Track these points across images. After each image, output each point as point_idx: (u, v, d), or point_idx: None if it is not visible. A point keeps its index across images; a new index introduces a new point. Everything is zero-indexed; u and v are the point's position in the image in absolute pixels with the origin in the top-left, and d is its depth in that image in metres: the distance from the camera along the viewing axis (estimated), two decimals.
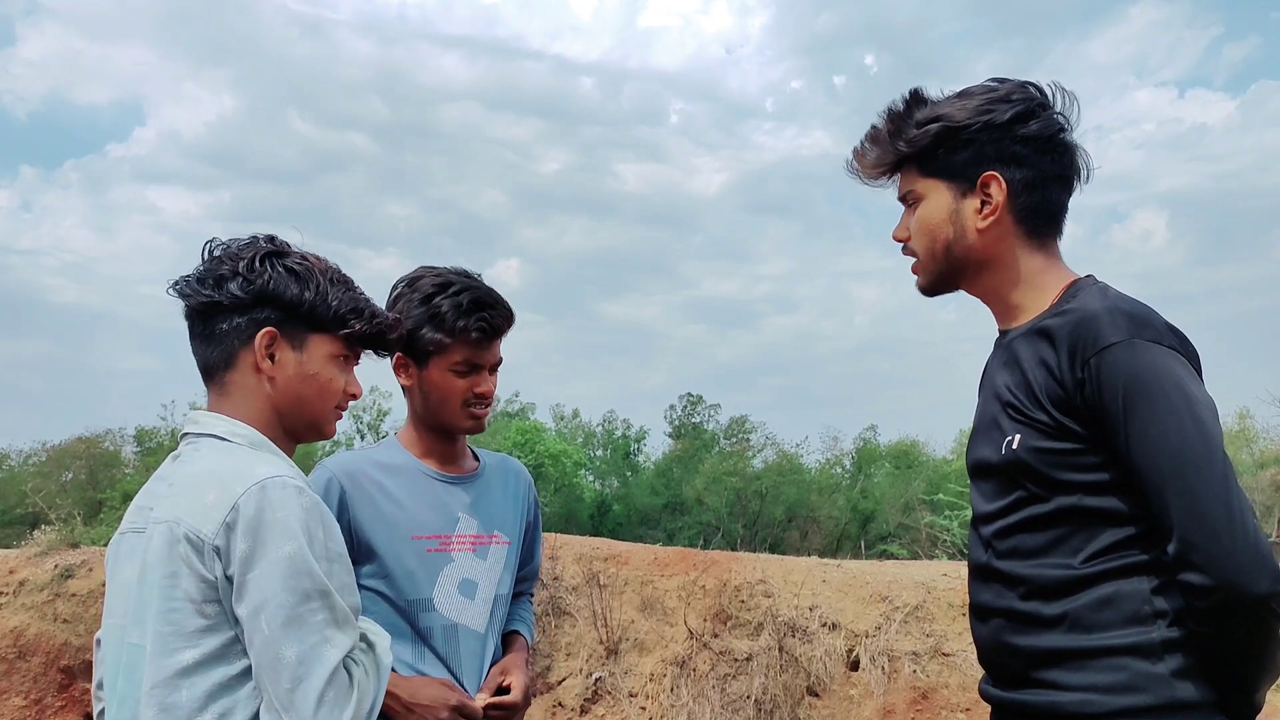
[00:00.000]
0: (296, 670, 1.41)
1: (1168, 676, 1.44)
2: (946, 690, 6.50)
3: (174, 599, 1.45)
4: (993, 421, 1.64)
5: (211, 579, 1.45)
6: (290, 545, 1.45)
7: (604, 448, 40.38)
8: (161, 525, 1.49)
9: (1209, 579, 1.38)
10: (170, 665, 1.44)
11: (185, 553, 1.45)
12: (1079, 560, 1.50)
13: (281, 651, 1.41)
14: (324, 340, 1.68)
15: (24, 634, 7.74)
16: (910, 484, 28.21)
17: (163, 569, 1.46)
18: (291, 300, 1.64)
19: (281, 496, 1.47)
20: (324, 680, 1.42)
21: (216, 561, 1.44)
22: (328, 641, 1.45)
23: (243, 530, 1.44)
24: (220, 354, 1.64)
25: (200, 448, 1.59)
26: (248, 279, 1.62)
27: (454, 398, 2.16)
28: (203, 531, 1.45)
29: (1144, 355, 1.46)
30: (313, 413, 1.70)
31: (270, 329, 1.63)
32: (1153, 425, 1.43)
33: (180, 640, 1.44)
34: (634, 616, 7.33)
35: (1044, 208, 1.67)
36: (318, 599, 1.45)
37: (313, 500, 1.52)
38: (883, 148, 1.73)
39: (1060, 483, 1.52)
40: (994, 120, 1.63)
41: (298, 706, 1.40)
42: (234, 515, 1.45)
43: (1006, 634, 1.58)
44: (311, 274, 1.67)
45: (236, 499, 1.46)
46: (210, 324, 1.64)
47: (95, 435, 28.30)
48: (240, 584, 1.43)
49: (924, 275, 1.76)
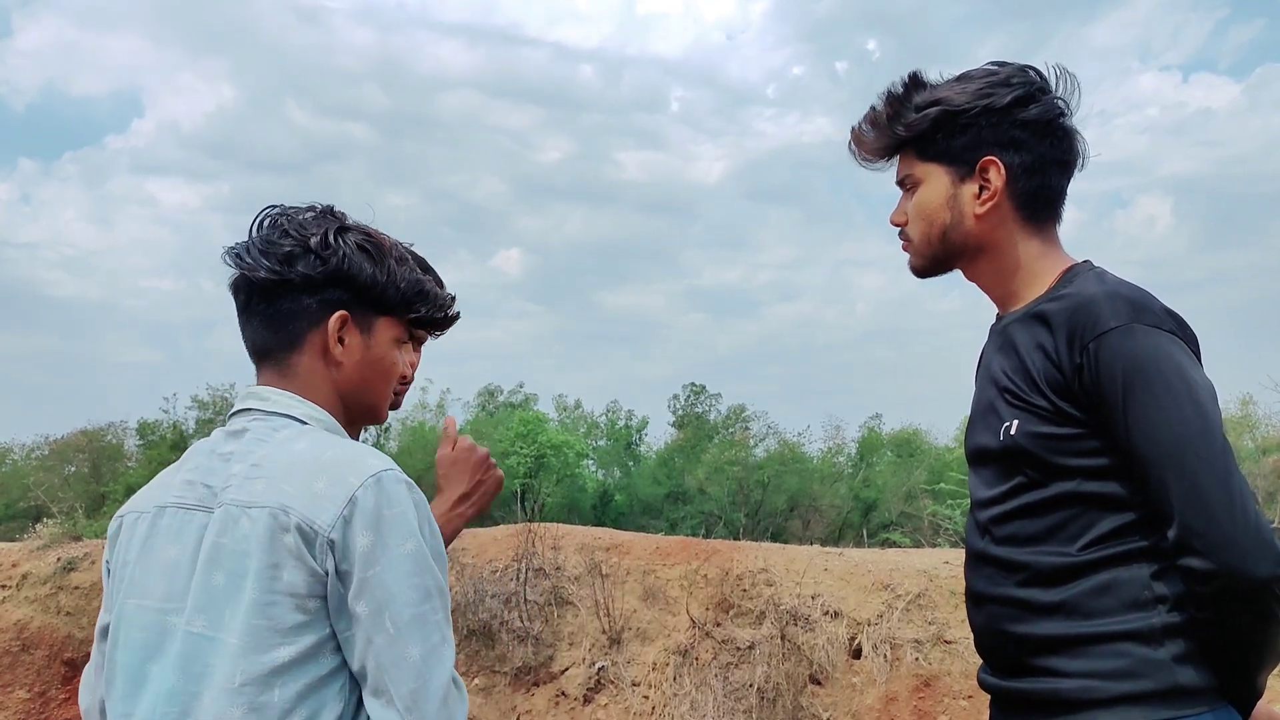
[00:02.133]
0: (421, 669, 1.36)
1: (1169, 662, 1.44)
2: (949, 678, 6.51)
3: (274, 592, 1.35)
4: (990, 407, 1.63)
5: (320, 573, 1.36)
6: (411, 542, 1.39)
7: (606, 438, 40.42)
8: (258, 510, 1.38)
9: (1210, 563, 1.38)
10: (266, 662, 1.34)
11: (294, 544, 1.36)
12: (1077, 547, 1.50)
13: (407, 650, 1.35)
14: (390, 323, 1.62)
15: (27, 627, 7.76)
16: (912, 472, 28.24)
17: (263, 558, 1.36)
18: (365, 282, 1.56)
19: (397, 491, 1.41)
20: (446, 680, 1.38)
21: (329, 556, 1.36)
22: (445, 641, 1.40)
23: (362, 524, 1.36)
24: (286, 335, 1.54)
25: (278, 428, 1.49)
26: (321, 257, 1.52)
27: None
28: (317, 522, 1.36)
29: (1143, 340, 1.45)
30: (376, 396, 1.63)
31: (344, 312, 1.55)
32: (1152, 410, 1.43)
33: (277, 636, 1.35)
34: (636, 606, 7.34)
35: (1043, 193, 1.66)
36: (437, 597, 1.40)
37: (420, 496, 1.45)
38: (881, 131, 1.72)
39: (1059, 468, 1.51)
40: (993, 104, 1.62)
41: (422, 706, 1.35)
42: (351, 508, 1.37)
43: (1004, 621, 1.57)
44: (381, 252, 1.59)
45: (353, 491, 1.38)
46: (275, 303, 1.53)
47: (97, 429, 28.39)
48: (362, 580, 1.35)
49: (918, 258, 1.75)
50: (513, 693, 6.97)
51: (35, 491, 23.84)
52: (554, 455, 32.21)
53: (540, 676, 7.06)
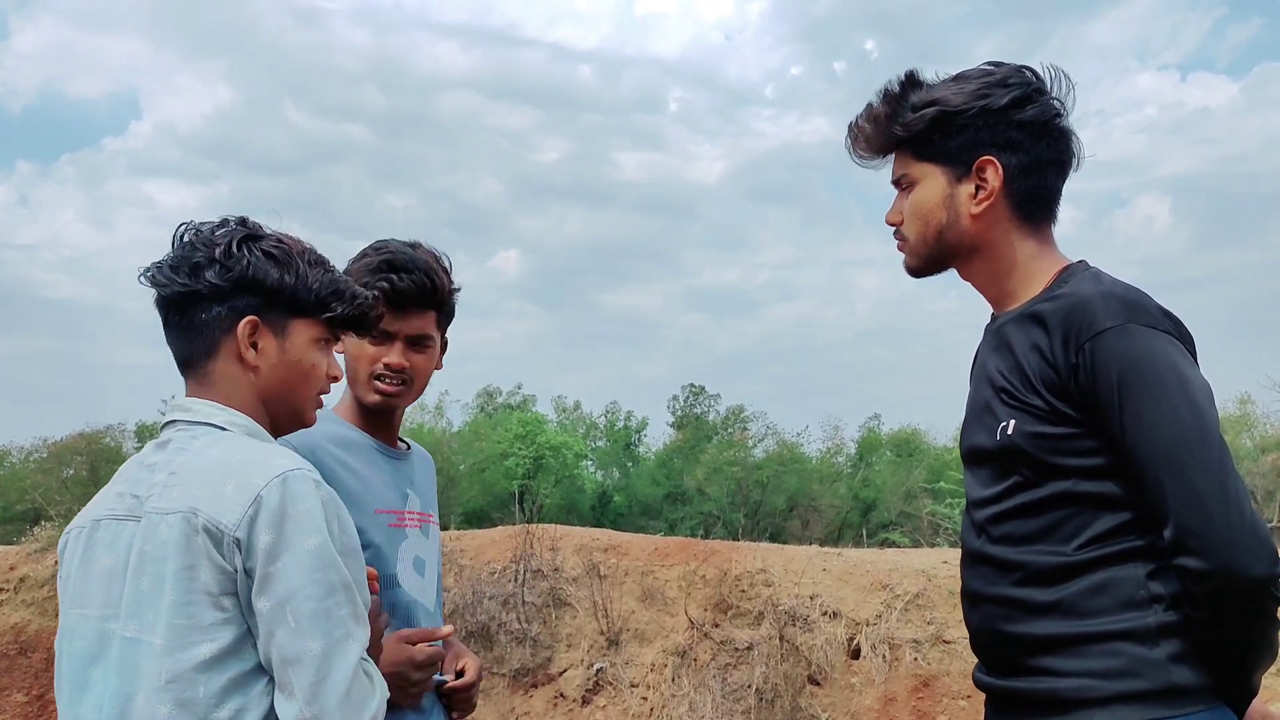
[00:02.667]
0: (322, 664, 1.39)
1: (1164, 661, 1.44)
2: (948, 678, 6.51)
3: (191, 592, 1.41)
4: (986, 407, 1.63)
5: (230, 571, 1.42)
6: (315, 538, 1.43)
7: (605, 439, 40.42)
8: (175, 516, 1.44)
9: (1206, 563, 1.38)
10: (187, 660, 1.40)
11: (204, 544, 1.42)
12: (1073, 547, 1.50)
13: (308, 644, 1.39)
14: (306, 325, 1.65)
15: (25, 630, 7.75)
16: (911, 472, 28.24)
17: (178, 560, 1.42)
18: (272, 286, 1.60)
19: (303, 489, 1.46)
20: (349, 675, 1.41)
21: (236, 554, 1.42)
22: (350, 636, 1.43)
23: (266, 522, 1.42)
24: (201, 344, 1.60)
25: (198, 436, 1.55)
26: (225, 265, 1.57)
27: (363, 365, 2.10)
28: (223, 523, 1.42)
29: (1139, 340, 1.45)
30: (297, 400, 1.67)
31: (252, 318, 1.59)
32: (1148, 410, 1.43)
33: (198, 634, 1.41)
34: (635, 607, 7.34)
35: (1039, 193, 1.66)
36: (341, 592, 1.44)
37: (329, 493, 1.50)
38: (878, 130, 1.72)
39: (1055, 468, 1.51)
40: (991, 105, 1.62)
41: (323, 700, 1.38)
42: (256, 507, 1.42)
43: (1000, 621, 1.57)
44: (290, 257, 1.63)
45: (259, 491, 1.43)
46: (188, 314, 1.59)
47: (96, 431, 28.29)
48: (264, 576, 1.41)
49: (913, 258, 1.75)
50: (511, 694, 6.97)
51: (33, 494, 23.80)
52: (553, 456, 32.21)
53: (538, 678, 7.06)
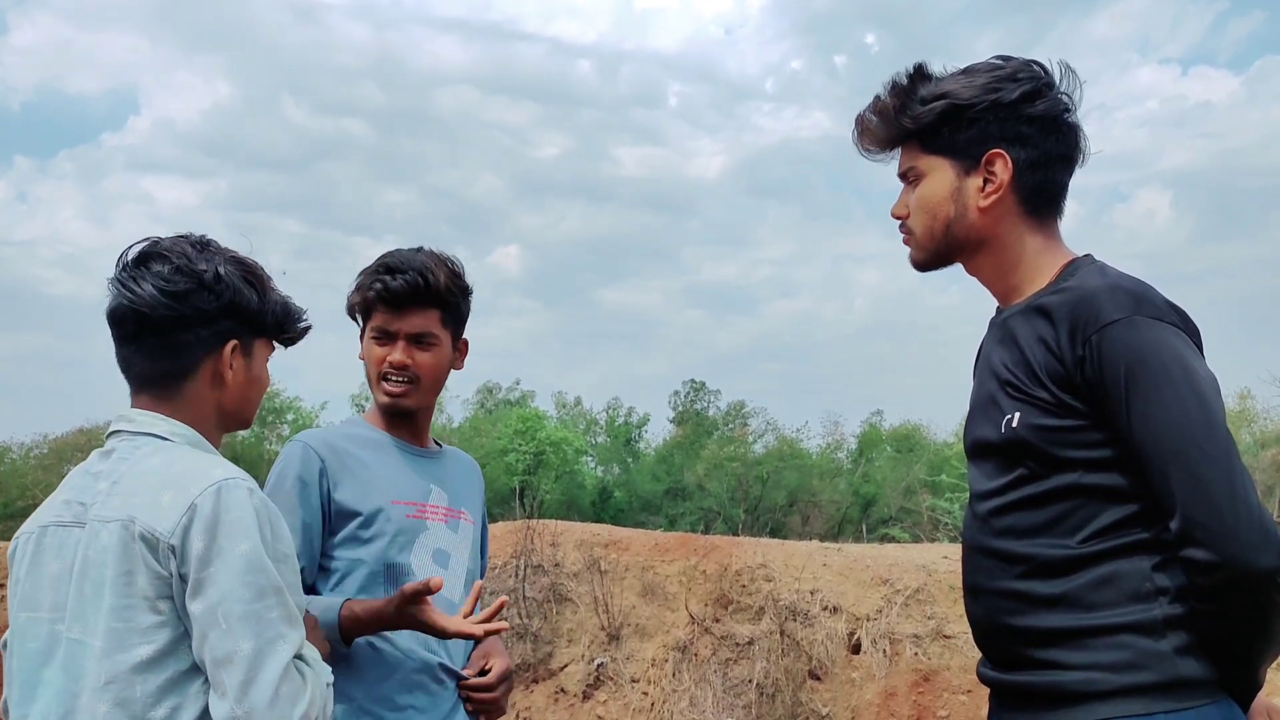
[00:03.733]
0: (252, 663, 1.44)
1: (1170, 654, 1.44)
2: (948, 672, 6.51)
3: (130, 596, 1.48)
4: (991, 400, 1.63)
5: (166, 575, 1.48)
6: (246, 544, 1.49)
7: (606, 434, 40.43)
8: (113, 524, 1.51)
9: (1212, 555, 1.37)
10: (125, 661, 1.46)
11: (141, 551, 1.48)
12: (1078, 539, 1.50)
13: (238, 645, 1.44)
14: (264, 344, 1.77)
15: None
16: (911, 467, 28.26)
17: (117, 566, 1.49)
18: (251, 310, 1.70)
19: (237, 497, 1.52)
20: (278, 674, 1.46)
21: (171, 559, 1.48)
22: (282, 638, 1.48)
23: (199, 529, 1.48)
24: (179, 364, 1.66)
25: (140, 446, 1.62)
26: (215, 292, 1.65)
27: (371, 366, 2.19)
28: (159, 530, 1.48)
29: (1146, 332, 1.45)
30: (250, 408, 1.78)
31: (235, 341, 1.69)
32: (1155, 402, 1.42)
33: (135, 636, 1.47)
34: (635, 602, 7.34)
35: (1046, 188, 1.66)
36: (272, 595, 1.49)
37: (263, 501, 1.57)
38: (886, 122, 1.71)
39: (1061, 460, 1.51)
40: (1001, 99, 1.62)
41: (252, 699, 1.43)
42: (191, 514, 1.49)
43: (1004, 614, 1.57)
44: (260, 280, 1.73)
45: (193, 499, 1.50)
46: (169, 335, 1.64)
47: (95, 427, 28.28)
48: (197, 580, 1.47)
49: (919, 251, 1.74)
50: (511, 690, 6.97)
51: (33, 490, 23.81)
52: (553, 452, 32.22)
53: (539, 673, 7.06)
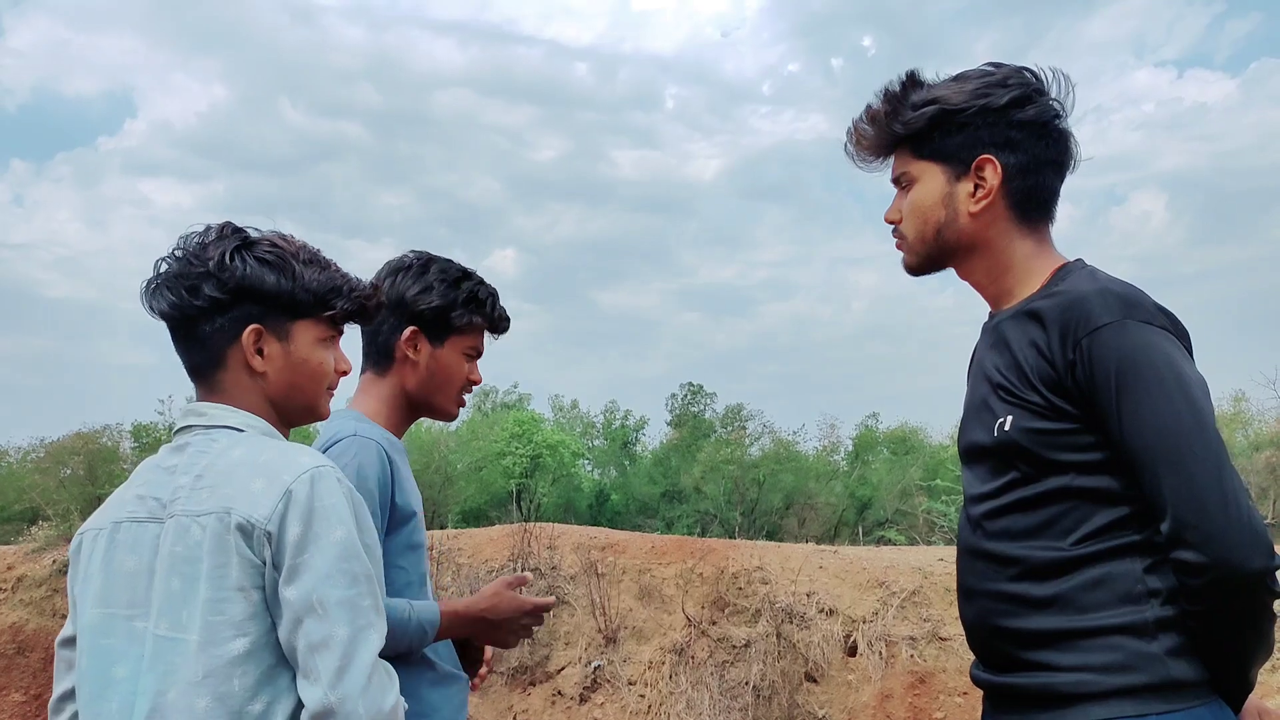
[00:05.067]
0: (347, 649, 1.44)
1: (1162, 656, 1.45)
2: (944, 674, 6.52)
3: (224, 588, 1.46)
4: (983, 403, 1.64)
5: (259, 564, 1.47)
6: (340, 530, 1.49)
7: (603, 437, 40.41)
8: (207, 517, 1.49)
9: (1202, 556, 1.38)
10: (223, 654, 1.45)
11: (236, 541, 1.47)
12: (1070, 542, 1.51)
13: (334, 630, 1.44)
14: (308, 325, 1.68)
15: (23, 630, 7.74)
16: (908, 470, 28.26)
17: (212, 559, 1.47)
18: (270, 292, 1.62)
19: (330, 484, 1.51)
20: (371, 661, 1.45)
21: (266, 547, 1.47)
22: (372, 626, 1.48)
23: (296, 516, 1.47)
24: (208, 356, 1.63)
25: (217, 439, 1.59)
26: (220, 278, 1.60)
27: (457, 381, 2.22)
28: (254, 517, 1.47)
29: (1136, 335, 1.46)
30: (307, 398, 1.70)
31: (255, 326, 1.62)
32: (1145, 405, 1.44)
33: (231, 629, 1.45)
34: (632, 605, 7.35)
35: (1037, 193, 1.67)
36: (365, 583, 1.49)
37: (350, 489, 1.56)
38: (878, 128, 1.73)
39: (1052, 463, 1.52)
40: (990, 104, 1.63)
41: (346, 684, 1.42)
42: (286, 501, 1.48)
43: (997, 616, 1.58)
44: (284, 259, 1.65)
45: (288, 486, 1.49)
46: (192, 328, 1.62)
47: (93, 431, 28.19)
48: (292, 566, 1.46)
49: (912, 255, 1.76)
50: (509, 692, 6.98)
51: (30, 494, 23.75)
52: (550, 455, 32.17)
53: (536, 676, 7.07)
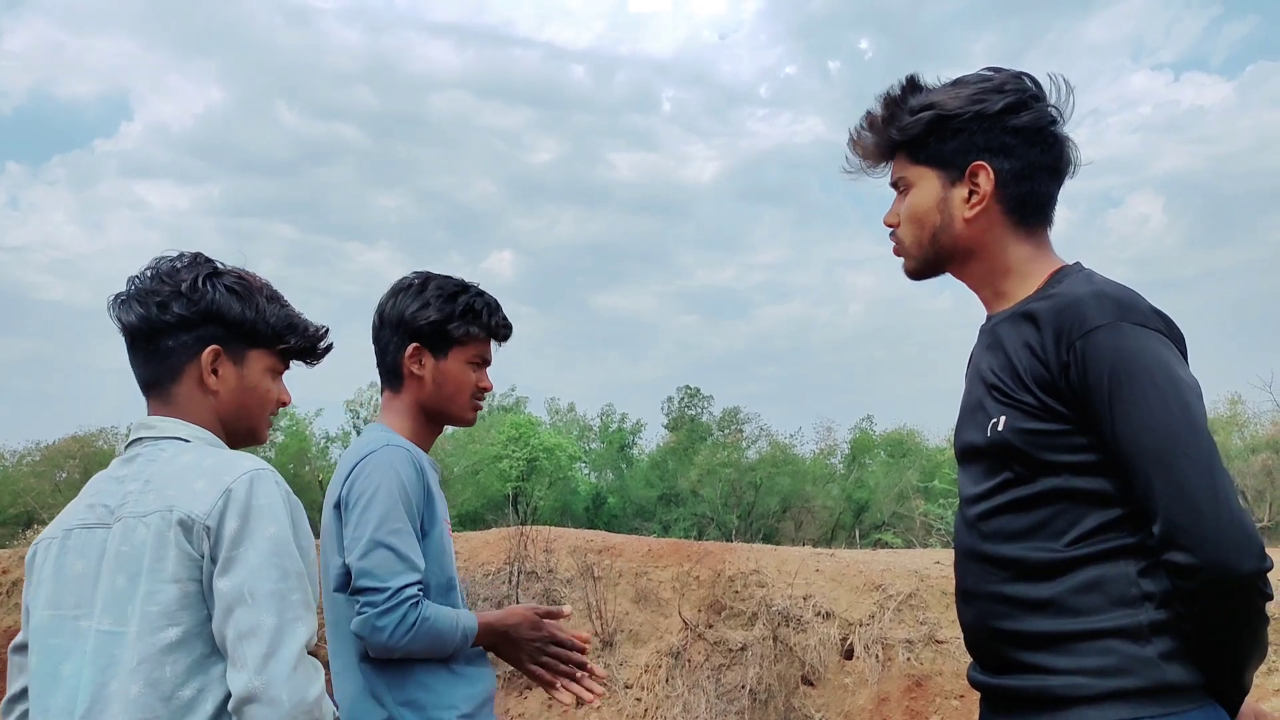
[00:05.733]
0: (274, 638, 1.51)
1: (1156, 659, 1.45)
2: (940, 678, 6.52)
3: (160, 580, 1.55)
4: (978, 404, 1.65)
5: (197, 557, 1.56)
6: (274, 528, 1.58)
7: (600, 440, 40.41)
8: (151, 516, 1.58)
9: (1194, 558, 1.38)
10: (156, 642, 1.53)
11: (176, 535, 1.56)
12: (1064, 542, 1.51)
13: (262, 619, 1.51)
14: (261, 355, 1.82)
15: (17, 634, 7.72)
16: (904, 472, 28.29)
17: (153, 554, 1.56)
18: (234, 319, 1.76)
19: (267, 485, 1.61)
20: (297, 652, 1.52)
21: (205, 540, 1.55)
22: (300, 620, 1.55)
23: (234, 512, 1.56)
24: (166, 369, 1.75)
25: (165, 449, 1.69)
26: (191, 299, 1.73)
27: (466, 390, 2.31)
28: (195, 513, 1.56)
29: (1129, 338, 1.47)
30: (251, 420, 1.83)
31: (215, 346, 1.75)
32: (1138, 407, 1.44)
33: (164, 619, 1.54)
34: (628, 608, 7.35)
35: (1032, 198, 1.67)
36: (295, 579, 1.57)
37: (288, 493, 1.65)
38: (876, 133, 1.74)
39: (1046, 464, 1.52)
40: (985, 110, 1.64)
41: (271, 671, 1.49)
42: (226, 498, 1.57)
43: (992, 618, 1.58)
44: (250, 293, 1.80)
45: (228, 485, 1.58)
46: (154, 341, 1.74)
47: (89, 434, 28.20)
48: (228, 559, 1.54)
49: (911, 260, 1.77)
50: (505, 696, 6.97)
51: (26, 497, 23.75)
52: (546, 458, 32.18)
53: None
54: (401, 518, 2.04)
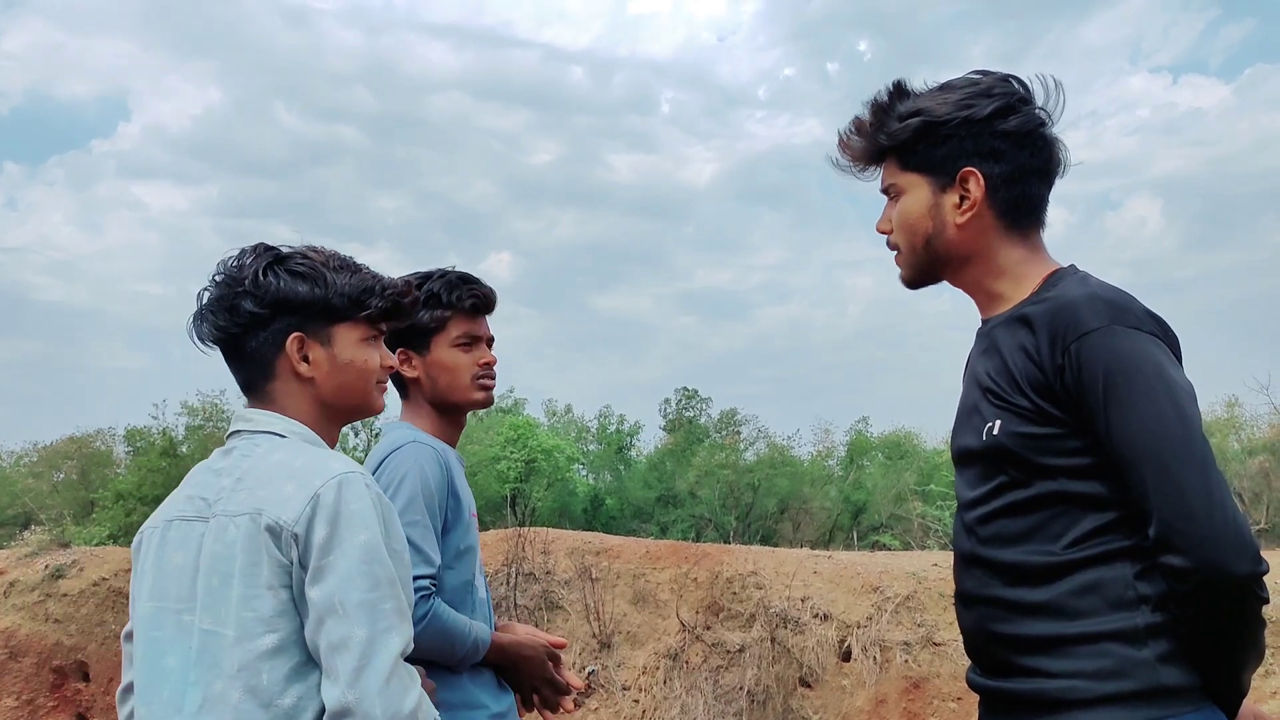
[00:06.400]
0: (366, 650, 1.48)
1: (1152, 661, 1.45)
2: (938, 680, 6.53)
3: (256, 586, 1.53)
4: (974, 408, 1.65)
5: (287, 563, 1.54)
6: (366, 534, 1.54)
7: (597, 442, 40.41)
8: (241, 517, 1.57)
9: (1189, 561, 1.39)
10: (254, 649, 1.51)
11: (266, 541, 1.54)
12: (1060, 546, 1.51)
13: (353, 631, 1.48)
14: (348, 328, 1.77)
15: (15, 635, 7.71)
16: (902, 474, 28.27)
17: (245, 557, 1.54)
18: (305, 301, 1.72)
19: (357, 490, 1.57)
20: (390, 663, 1.49)
21: (294, 547, 1.53)
22: (394, 629, 1.51)
23: (322, 518, 1.53)
24: (257, 369, 1.73)
25: (260, 443, 1.68)
26: (256, 295, 1.70)
27: (463, 372, 2.28)
28: (283, 519, 1.54)
29: (1123, 341, 1.47)
30: (358, 396, 1.79)
31: (296, 334, 1.71)
32: (1132, 410, 1.44)
33: (261, 626, 1.52)
34: (626, 610, 7.35)
35: (1024, 201, 1.68)
36: (388, 587, 1.53)
37: (379, 495, 1.62)
38: (865, 139, 1.74)
39: (1041, 467, 1.53)
40: (973, 115, 1.64)
41: (364, 685, 1.46)
42: (314, 504, 1.54)
43: (990, 621, 1.59)
44: (315, 269, 1.74)
45: (316, 490, 1.55)
46: (239, 346, 1.72)
47: (86, 435, 28.14)
48: (317, 568, 1.52)
49: (906, 269, 1.77)
50: None
51: (23, 498, 23.71)
52: (544, 460, 32.15)
53: None
54: (421, 510, 2.05)
